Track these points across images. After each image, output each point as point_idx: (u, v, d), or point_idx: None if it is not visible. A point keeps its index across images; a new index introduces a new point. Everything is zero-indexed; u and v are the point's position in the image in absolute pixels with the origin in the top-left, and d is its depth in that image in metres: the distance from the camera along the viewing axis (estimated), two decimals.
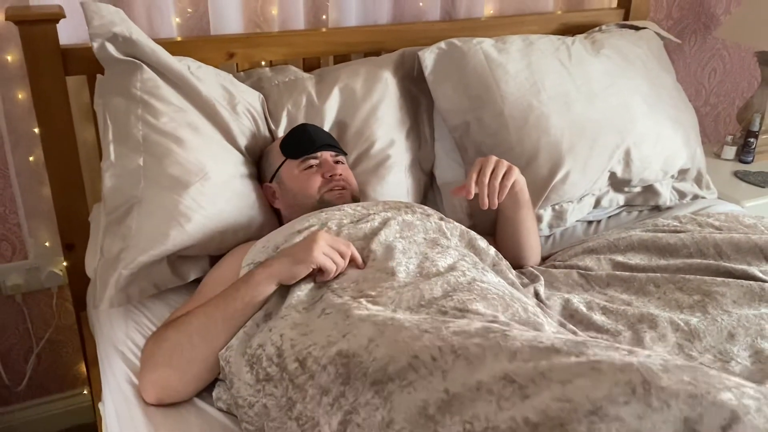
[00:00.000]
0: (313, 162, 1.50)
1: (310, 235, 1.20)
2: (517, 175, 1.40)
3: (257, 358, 1.08)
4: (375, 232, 1.29)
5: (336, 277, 1.18)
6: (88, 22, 1.41)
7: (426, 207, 1.46)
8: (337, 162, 1.52)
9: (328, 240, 1.19)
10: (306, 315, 1.11)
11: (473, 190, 1.35)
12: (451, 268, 1.21)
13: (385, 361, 0.92)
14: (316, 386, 0.98)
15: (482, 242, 1.40)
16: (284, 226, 1.35)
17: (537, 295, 1.36)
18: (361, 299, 1.09)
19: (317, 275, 1.18)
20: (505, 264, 1.40)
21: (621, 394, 0.77)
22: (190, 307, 1.24)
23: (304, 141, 1.50)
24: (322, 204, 1.45)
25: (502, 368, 0.85)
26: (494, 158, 1.38)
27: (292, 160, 1.51)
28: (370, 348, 0.95)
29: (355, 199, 1.51)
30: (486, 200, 1.35)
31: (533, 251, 1.57)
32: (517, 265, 1.55)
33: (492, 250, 1.40)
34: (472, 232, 1.41)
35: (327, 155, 1.51)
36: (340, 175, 1.49)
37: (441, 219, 1.42)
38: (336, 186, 1.47)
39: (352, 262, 1.22)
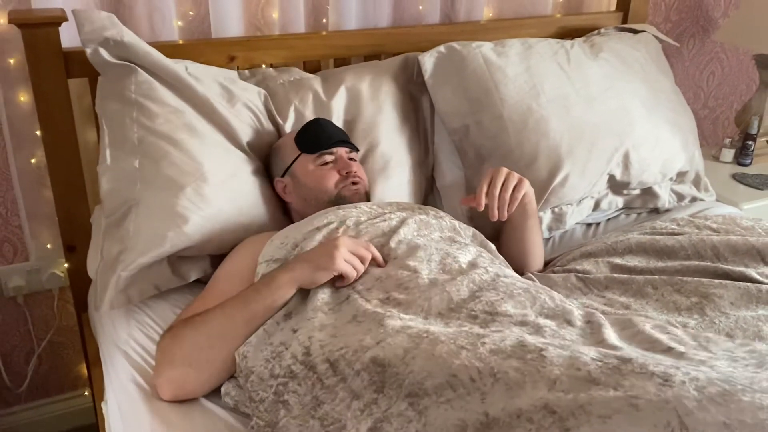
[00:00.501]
0: (328, 158, 1.50)
1: (332, 240, 1.20)
2: (527, 187, 1.40)
3: (277, 354, 1.09)
4: (394, 230, 1.30)
5: (358, 277, 1.19)
6: (79, 28, 1.42)
7: (438, 209, 1.48)
8: (351, 159, 1.54)
9: (349, 245, 1.19)
10: (333, 316, 1.12)
11: (484, 201, 1.35)
12: (473, 264, 1.23)
13: (422, 375, 0.94)
14: (347, 389, 0.99)
15: (491, 245, 1.42)
16: (302, 221, 1.35)
17: None
18: (392, 308, 1.10)
19: (337, 280, 1.19)
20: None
21: None
22: (203, 303, 1.24)
23: (320, 136, 1.51)
24: (338, 200, 1.46)
25: (542, 397, 0.87)
26: (505, 170, 1.39)
27: (307, 155, 1.51)
28: (407, 360, 0.96)
29: (367, 195, 1.53)
30: (496, 212, 1.35)
31: (536, 259, 1.58)
32: (518, 271, 1.55)
33: (500, 256, 1.42)
34: (482, 235, 1.43)
35: (342, 151, 1.52)
36: (355, 172, 1.50)
37: (453, 220, 1.43)
38: (352, 182, 1.48)
39: (373, 261, 1.23)
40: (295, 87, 1.70)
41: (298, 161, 1.52)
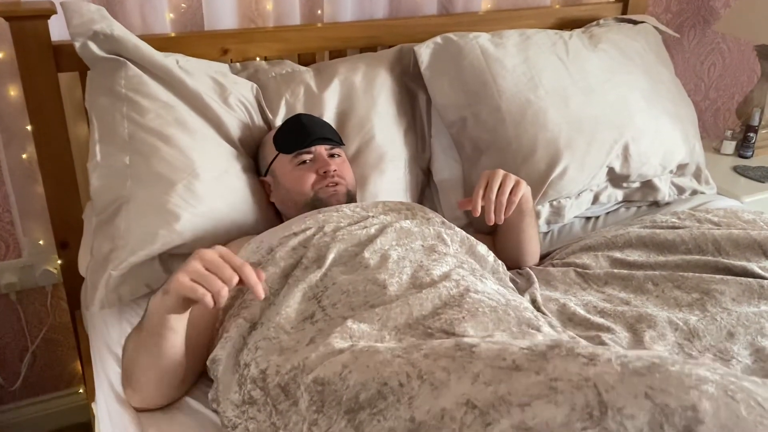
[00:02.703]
0: (306, 157, 1.45)
1: (192, 254, 1.00)
2: (524, 188, 1.35)
3: (245, 378, 1.06)
4: (371, 240, 1.26)
5: (325, 288, 1.15)
6: (68, 21, 1.40)
7: (427, 209, 1.43)
8: (332, 155, 1.48)
9: (208, 259, 0.97)
10: (295, 337, 1.08)
11: (480, 205, 1.30)
12: (445, 276, 1.17)
13: (357, 389, 0.90)
14: (298, 413, 0.96)
15: (482, 248, 1.37)
16: (280, 226, 1.33)
17: (534, 301, 1.33)
18: (348, 321, 1.05)
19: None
20: (503, 270, 1.38)
21: (578, 419, 0.74)
22: None
23: (298, 134, 1.46)
24: (315, 202, 1.42)
25: (464, 392, 0.82)
26: (501, 172, 1.33)
27: (284, 154, 1.47)
28: (344, 375, 0.92)
29: (350, 194, 1.47)
30: (492, 216, 1.30)
31: (533, 255, 1.56)
32: (515, 266, 1.53)
33: (491, 257, 1.37)
34: (473, 239, 1.38)
35: (321, 149, 1.46)
36: (335, 171, 1.44)
37: (442, 224, 1.39)
38: (330, 183, 1.43)
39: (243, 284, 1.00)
40: (286, 80, 1.68)
41: (277, 161, 1.49)
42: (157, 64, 1.46)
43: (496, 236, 1.56)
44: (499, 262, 1.39)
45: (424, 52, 1.74)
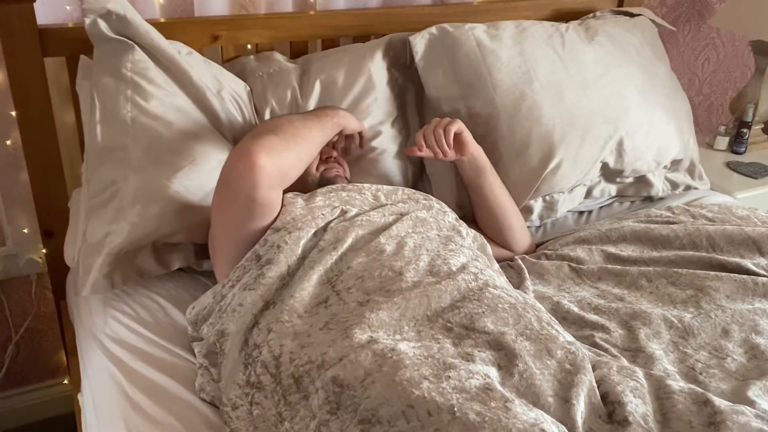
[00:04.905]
0: None
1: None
2: (459, 124, 1.47)
3: (253, 359, 1.05)
4: (387, 227, 1.26)
5: (340, 273, 1.15)
6: None
7: (444, 204, 1.45)
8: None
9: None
10: (309, 321, 1.07)
11: (423, 142, 1.45)
12: (463, 267, 1.18)
13: (378, 401, 0.90)
14: (308, 408, 0.96)
15: (490, 250, 1.41)
16: (305, 207, 1.28)
17: None
18: (366, 311, 1.05)
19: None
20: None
21: None
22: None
23: None
24: (322, 181, 1.44)
25: None
26: (436, 119, 1.49)
27: None
28: (366, 383, 0.92)
29: (348, 180, 1.51)
30: (437, 149, 1.44)
31: (518, 234, 1.58)
32: (507, 249, 1.55)
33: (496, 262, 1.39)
34: (483, 238, 1.42)
35: None
36: (336, 157, 1.51)
37: (456, 220, 1.41)
38: (333, 165, 1.48)
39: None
40: (273, 82, 1.65)
41: None
42: (164, 52, 1.44)
43: (474, 213, 1.59)
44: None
45: (419, 42, 1.72)
